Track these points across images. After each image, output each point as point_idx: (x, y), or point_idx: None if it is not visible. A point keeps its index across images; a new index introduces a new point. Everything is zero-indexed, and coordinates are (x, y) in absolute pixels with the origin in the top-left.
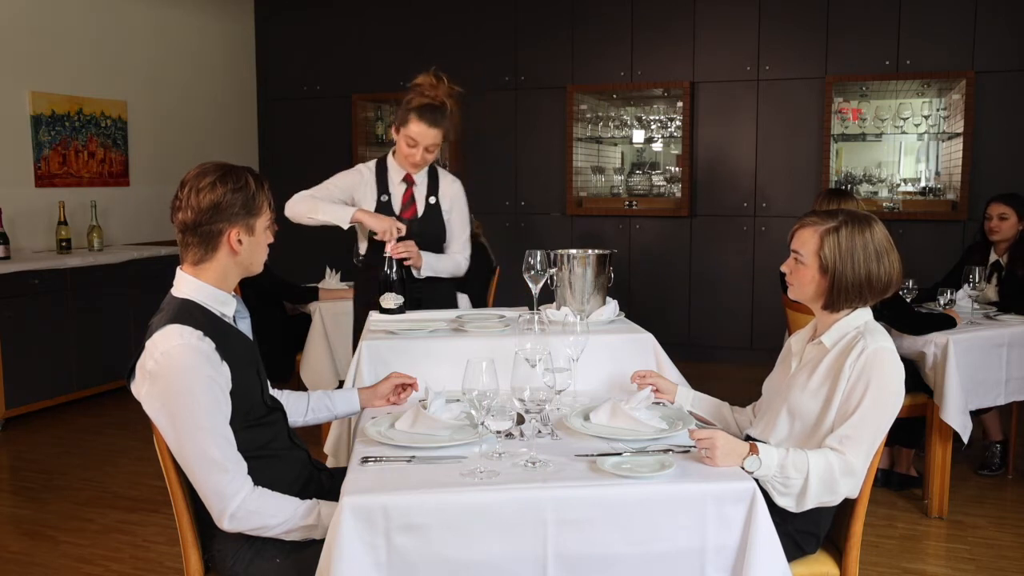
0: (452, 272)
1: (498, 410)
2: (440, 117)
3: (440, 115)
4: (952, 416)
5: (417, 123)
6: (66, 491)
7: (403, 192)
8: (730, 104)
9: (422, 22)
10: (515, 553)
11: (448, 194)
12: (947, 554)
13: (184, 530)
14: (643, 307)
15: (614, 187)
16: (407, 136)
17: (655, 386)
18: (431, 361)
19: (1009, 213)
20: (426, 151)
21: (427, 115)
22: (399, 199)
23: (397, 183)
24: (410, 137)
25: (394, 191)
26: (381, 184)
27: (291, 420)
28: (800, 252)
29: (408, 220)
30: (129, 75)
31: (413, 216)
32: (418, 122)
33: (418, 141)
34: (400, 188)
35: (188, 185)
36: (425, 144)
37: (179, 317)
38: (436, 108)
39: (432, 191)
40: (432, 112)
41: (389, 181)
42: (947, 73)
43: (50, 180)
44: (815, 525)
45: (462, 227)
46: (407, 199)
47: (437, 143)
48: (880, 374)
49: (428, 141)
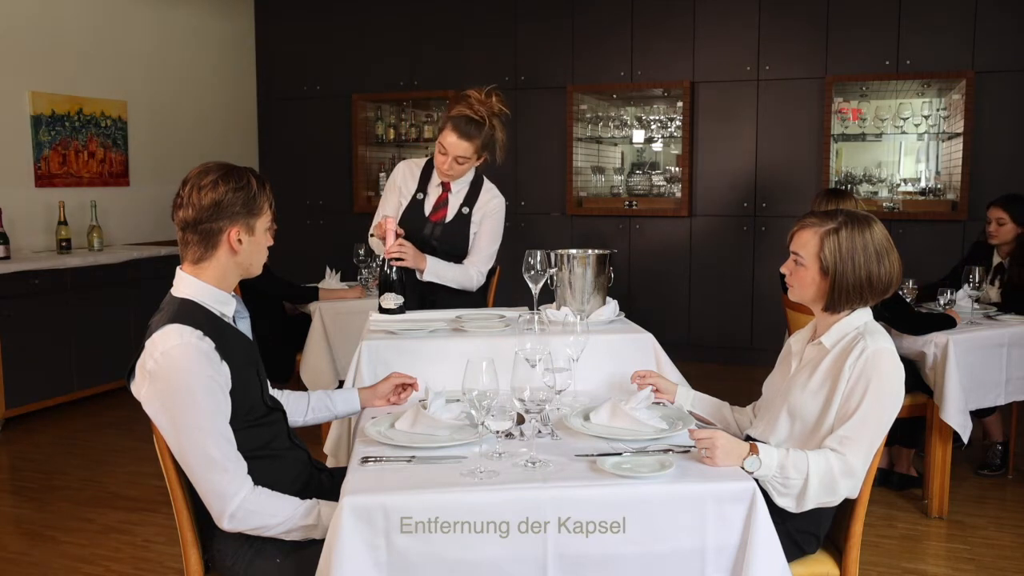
0: (461, 284)
1: (498, 410)
2: (474, 131)
3: (475, 129)
4: (952, 416)
5: (450, 132)
6: (66, 491)
7: (439, 194)
8: (730, 104)
9: (422, 22)
10: (515, 553)
11: (484, 208)
12: (947, 554)
13: (184, 530)
14: (643, 307)
15: (614, 187)
16: (440, 143)
17: (655, 386)
18: (431, 361)
19: (1005, 218)
20: (455, 162)
21: (461, 126)
22: (432, 200)
23: (435, 185)
24: (442, 144)
25: (431, 191)
26: (423, 181)
27: (291, 420)
28: (800, 254)
29: (434, 223)
30: (129, 75)
31: (441, 220)
32: (451, 131)
33: (448, 151)
34: (436, 191)
35: (190, 183)
36: (455, 155)
37: (179, 317)
38: (472, 121)
39: (469, 202)
40: (467, 124)
41: (430, 181)
42: (947, 73)
43: (50, 180)
44: (815, 525)
45: (488, 242)
46: (439, 202)
47: (468, 156)
48: (880, 375)
49: (458, 152)
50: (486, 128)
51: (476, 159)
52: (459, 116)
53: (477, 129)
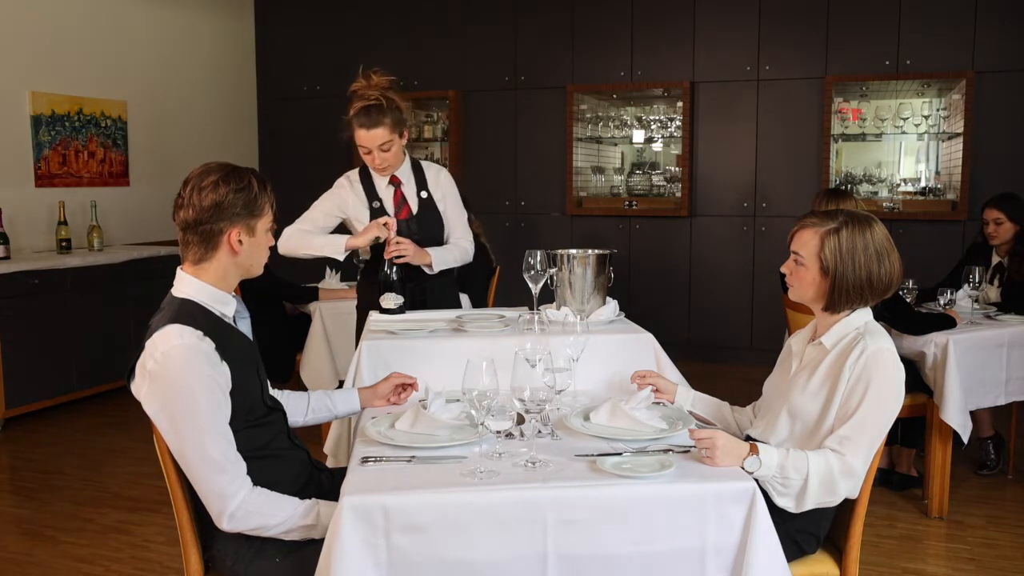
0: (461, 260)
1: (498, 410)
2: (379, 115)
3: (377, 112)
4: (952, 416)
5: (359, 129)
6: (66, 491)
7: (392, 194)
8: (730, 104)
9: (422, 22)
10: (515, 553)
11: (438, 185)
12: (947, 554)
13: (184, 530)
14: (643, 307)
15: (614, 187)
16: (359, 145)
17: (655, 386)
18: (431, 361)
19: (1003, 218)
20: (381, 151)
21: (365, 118)
22: (390, 202)
23: (384, 187)
24: (361, 145)
25: (383, 195)
26: (369, 191)
27: (291, 420)
28: (800, 253)
29: (404, 220)
30: (129, 75)
31: (408, 215)
32: (359, 128)
33: (368, 146)
34: (388, 191)
35: (191, 183)
36: (376, 145)
37: (179, 317)
38: (372, 108)
39: (421, 185)
40: (368, 114)
41: (376, 187)
42: (947, 73)
43: (50, 180)
44: (815, 525)
45: (459, 214)
46: (398, 200)
47: (387, 140)
48: (880, 375)
49: (376, 142)
50: (386, 105)
51: (399, 137)
52: (358, 111)
53: (379, 112)
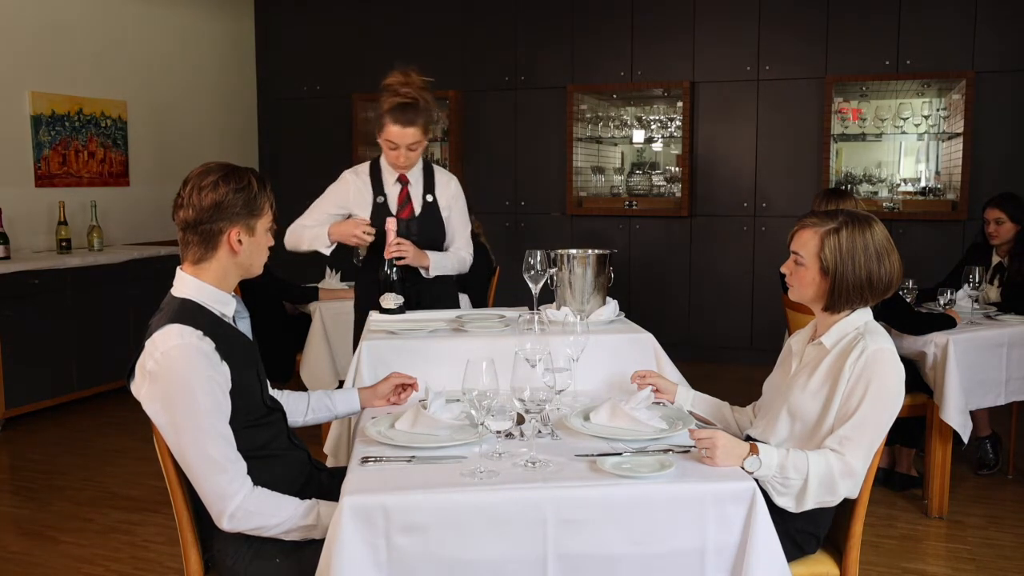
0: (458, 269)
1: (498, 410)
2: (415, 115)
3: (414, 112)
4: (952, 416)
5: (392, 125)
6: (66, 491)
7: (398, 192)
8: (730, 104)
9: (422, 22)
10: (515, 553)
11: (446, 192)
12: (947, 554)
13: (184, 530)
14: (643, 307)
15: (614, 187)
16: (387, 140)
17: (655, 386)
18: (431, 361)
19: (1003, 217)
20: (408, 150)
21: (400, 115)
22: (395, 199)
23: (391, 184)
24: (390, 140)
25: (389, 192)
26: (376, 186)
27: (291, 420)
28: (800, 253)
29: (406, 220)
30: (129, 75)
31: (410, 215)
32: (393, 124)
33: (397, 143)
34: (395, 188)
35: (191, 183)
36: (406, 144)
37: (179, 317)
38: (409, 106)
39: (428, 189)
40: (405, 111)
41: (384, 182)
42: (947, 73)
43: (50, 180)
44: (815, 525)
45: (463, 225)
46: (403, 198)
47: (418, 140)
48: (880, 375)
49: (408, 141)
50: (422, 105)
51: (425, 140)
52: (394, 106)
53: (415, 111)
